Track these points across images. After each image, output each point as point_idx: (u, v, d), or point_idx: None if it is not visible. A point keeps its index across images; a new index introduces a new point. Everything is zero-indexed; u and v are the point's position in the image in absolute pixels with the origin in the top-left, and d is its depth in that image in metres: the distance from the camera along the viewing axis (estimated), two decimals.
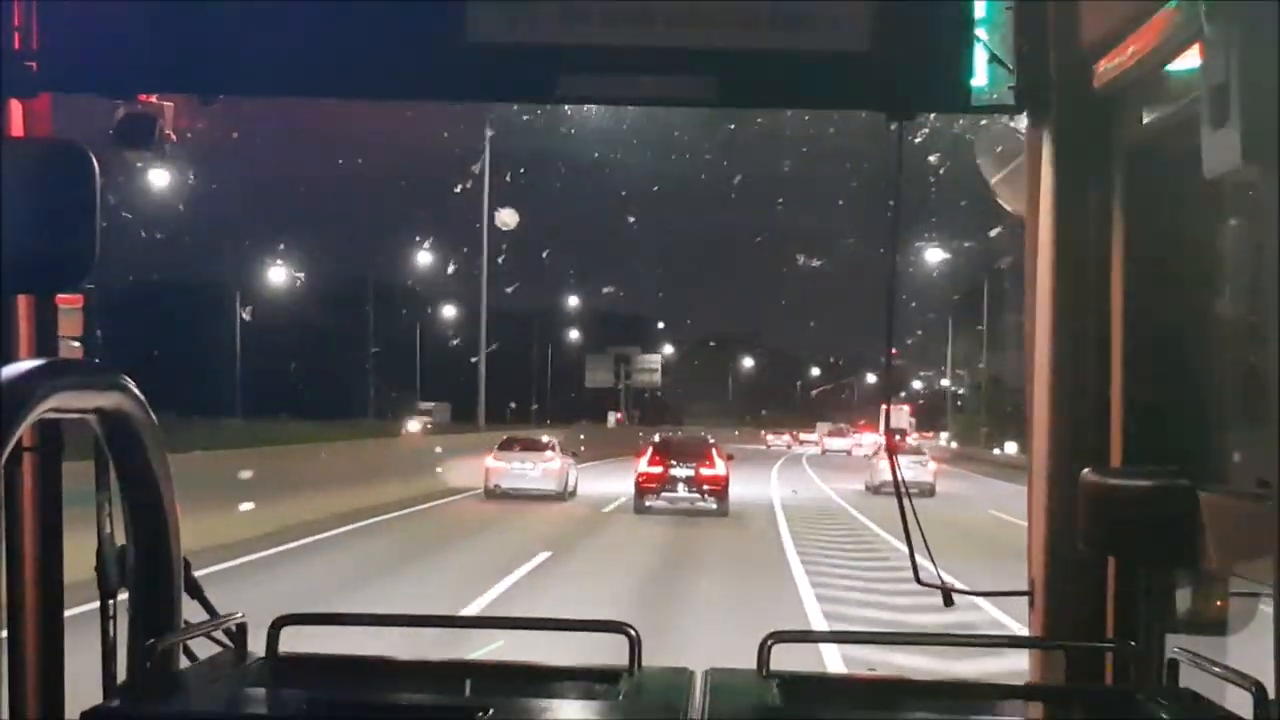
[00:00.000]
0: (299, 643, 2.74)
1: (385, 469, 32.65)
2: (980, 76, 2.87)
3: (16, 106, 2.84)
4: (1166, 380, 2.78)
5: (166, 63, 2.89)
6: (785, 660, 2.62)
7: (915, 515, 3.09)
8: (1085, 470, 2.71)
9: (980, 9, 2.87)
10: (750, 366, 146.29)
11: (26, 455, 2.71)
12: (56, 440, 2.76)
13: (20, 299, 2.81)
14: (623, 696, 2.48)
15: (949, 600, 3.12)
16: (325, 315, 76.50)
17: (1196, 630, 2.67)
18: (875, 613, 16.68)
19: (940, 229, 55.94)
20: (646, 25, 2.88)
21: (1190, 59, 2.32)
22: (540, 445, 37.08)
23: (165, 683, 2.45)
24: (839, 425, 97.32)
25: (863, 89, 2.95)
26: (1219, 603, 2.70)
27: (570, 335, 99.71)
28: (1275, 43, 1.76)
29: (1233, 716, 2.28)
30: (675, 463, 31.86)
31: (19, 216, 2.43)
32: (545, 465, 35.90)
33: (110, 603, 2.56)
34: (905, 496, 3.10)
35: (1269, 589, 2.34)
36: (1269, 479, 2.16)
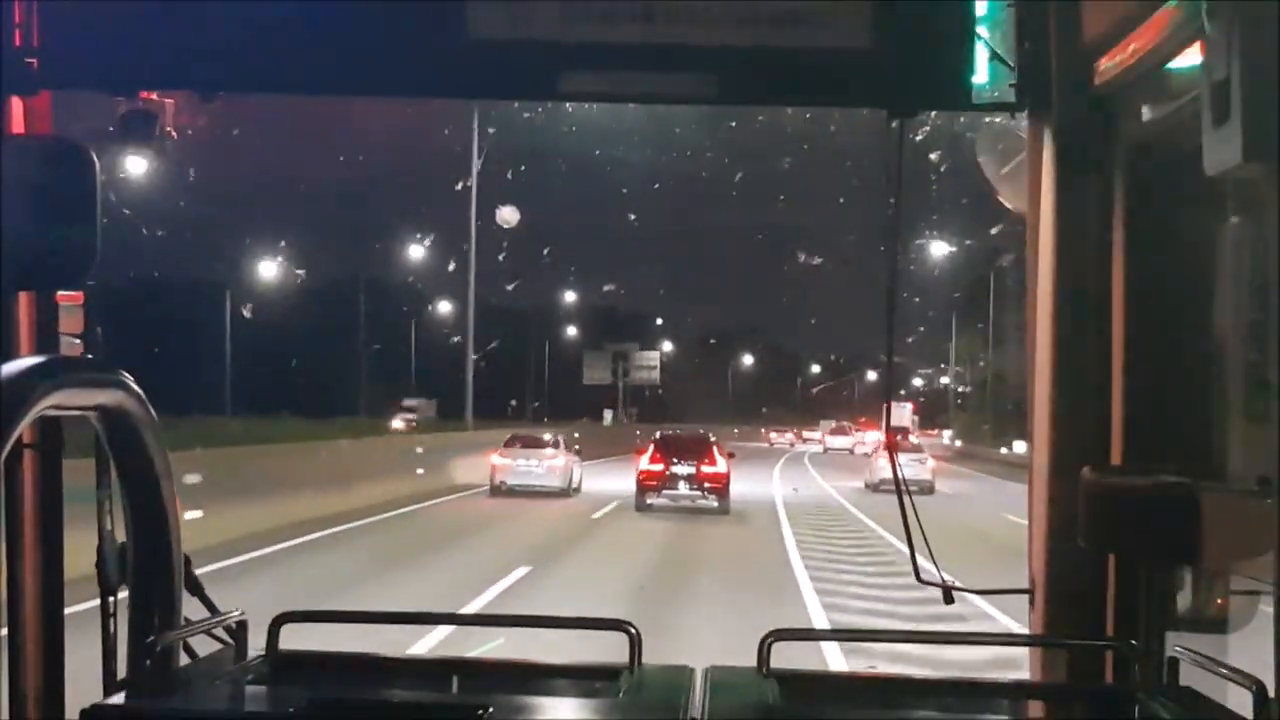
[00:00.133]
0: (299, 640, 2.74)
1: (361, 470, 30.64)
2: (981, 74, 2.87)
3: (17, 104, 2.84)
4: (1167, 379, 2.78)
5: (167, 60, 2.89)
6: (786, 659, 2.62)
7: (915, 513, 3.09)
8: (1086, 469, 2.71)
9: (981, 7, 2.87)
10: (751, 364, 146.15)
11: (27, 452, 2.71)
12: (57, 437, 2.76)
13: (21, 296, 2.81)
14: (623, 694, 2.48)
15: (949, 598, 3.11)
16: (323, 313, 76.47)
17: (1197, 628, 2.67)
18: (874, 605, 16.74)
19: (941, 227, 55.92)
20: (647, 22, 2.88)
21: (1191, 57, 2.32)
22: (545, 442, 37.36)
23: (165, 680, 2.45)
24: (841, 423, 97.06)
25: (864, 86, 2.95)
26: (1219, 601, 2.70)
27: (571, 332, 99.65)
28: (1275, 41, 1.76)
29: (1233, 715, 2.28)
30: (676, 460, 31.85)
31: (20, 214, 2.43)
32: (550, 462, 36.20)
33: (111, 600, 2.56)
34: (905, 494, 3.10)
35: (1269, 587, 2.34)
36: (1269, 477, 2.16)
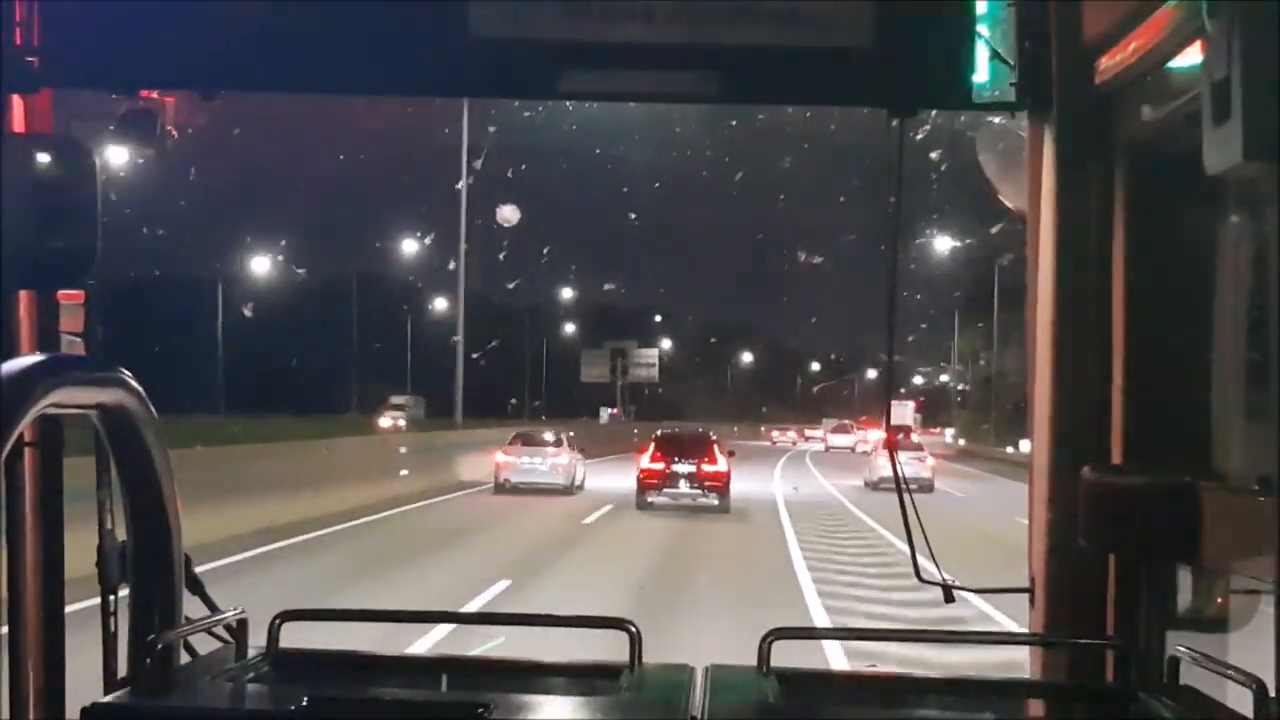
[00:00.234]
0: (300, 638, 2.74)
1: (339, 472, 28.75)
2: (981, 73, 2.87)
3: (18, 102, 2.84)
4: (1167, 377, 2.78)
5: (168, 58, 2.89)
6: (786, 657, 2.62)
7: (916, 512, 3.09)
8: (1086, 468, 2.71)
9: (982, 6, 2.87)
10: (751, 363, 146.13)
11: (28, 451, 2.71)
12: (57, 436, 2.76)
13: (22, 295, 2.81)
14: (623, 693, 2.48)
15: (949, 597, 3.11)
16: (323, 311, 76.54)
17: (1197, 627, 2.67)
18: (877, 608, 16.75)
19: (941, 226, 55.94)
20: (648, 22, 2.88)
21: (1191, 56, 2.32)
22: (549, 440, 37.55)
23: (166, 678, 2.45)
24: (842, 422, 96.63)
25: (864, 85, 2.95)
26: (1219, 600, 2.70)
27: (569, 330, 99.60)
28: (1276, 40, 1.76)
29: (1233, 714, 2.28)
30: (677, 459, 31.91)
31: (21, 213, 2.43)
32: (554, 460, 36.40)
33: (111, 598, 2.56)
34: (905, 492, 3.10)
35: (1269, 586, 2.34)
36: (1269, 476, 2.16)
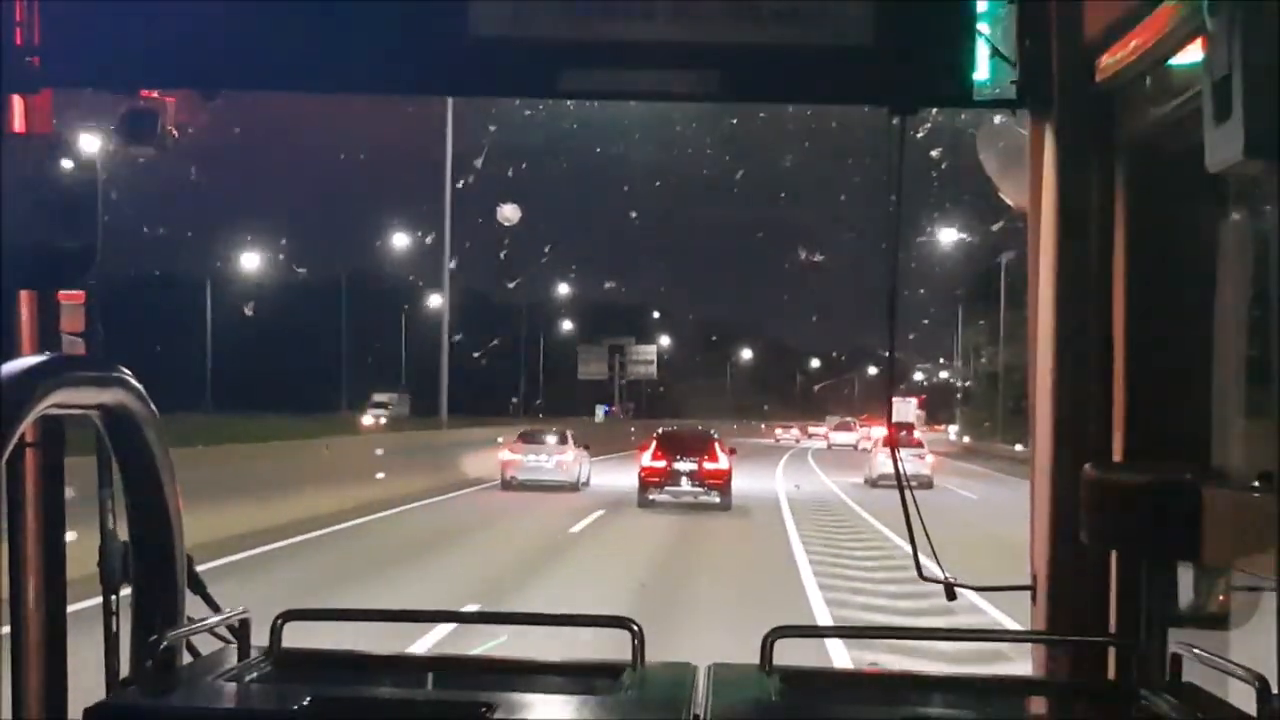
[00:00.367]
0: (302, 638, 2.74)
1: (312, 474, 26.70)
2: (982, 71, 2.86)
3: (18, 102, 2.84)
4: (1169, 375, 2.78)
5: (169, 58, 2.89)
6: (788, 656, 2.62)
7: (918, 510, 3.08)
8: (1087, 465, 2.71)
9: (982, 4, 2.86)
10: (751, 361, 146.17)
11: (29, 451, 2.71)
12: (58, 436, 2.76)
13: (22, 295, 2.80)
14: (625, 692, 2.48)
15: (951, 595, 3.11)
16: (321, 309, 76.56)
17: (1199, 625, 2.67)
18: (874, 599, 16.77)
19: (942, 224, 55.92)
20: (649, 20, 2.87)
21: (1192, 53, 2.32)
22: (555, 438, 37.94)
23: (168, 678, 2.45)
24: (845, 419, 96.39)
25: (865, 84, 2.95)
26: (1221, 597, 2.70)
27: (571, 329, 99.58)
28: (1277, 37, 1.76)
29: (1235, 711, 2.28)
30: (678, 457, 32.00)
31: (22, 212, 2.43)
32: (559, 457, 36.83)
33: (113, 598, 2.56)
34: (907, 489, 3.10)
35: (1272, 583, 2.35)
36: (1271, 473, 2.16)
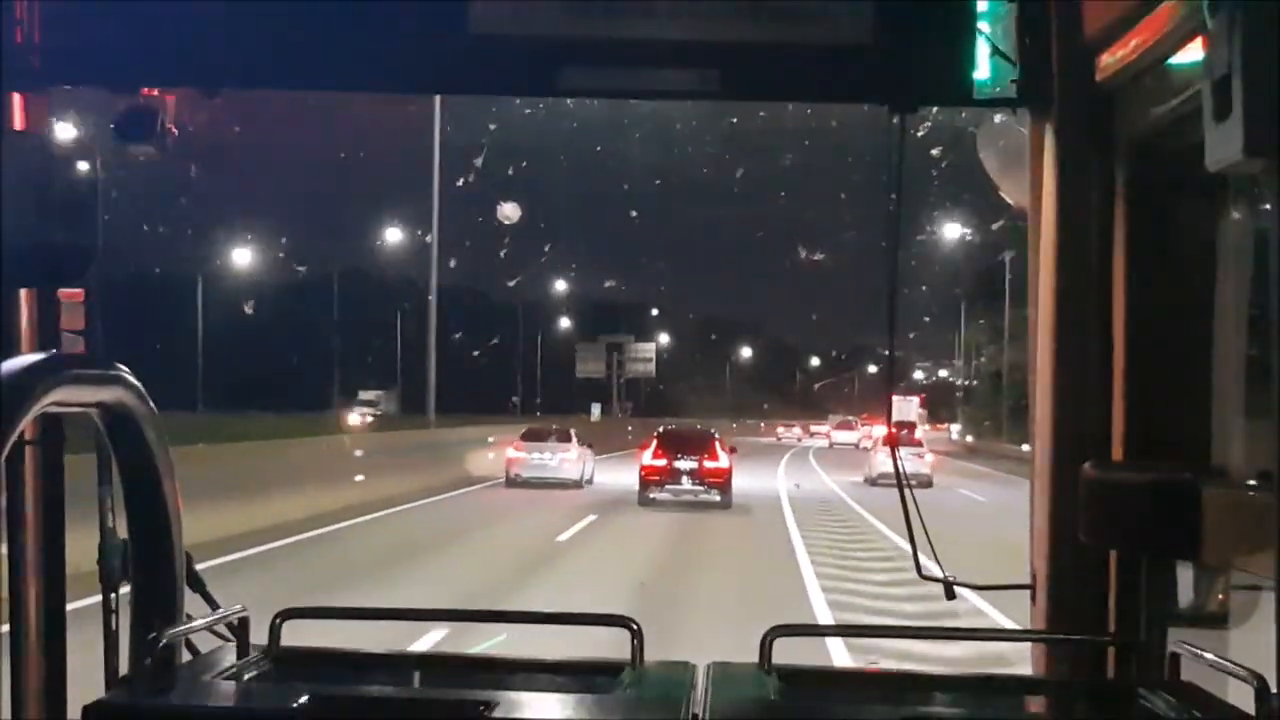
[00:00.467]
0: (301, 636, 2.74)
1: (285, 477, 24.90)
2: (982, 70, 2.86)
3: (18, 100, 2.84)
4: (1168, 374, 2.78)
5: (169, 56, 2.89)
6: (788, 654, 2.63)
7: (918, 508, 3.09)
8: (1087, 464, 2.71)
9: (982, 3, 2.86)
10: (751, 359, 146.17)
11: (28, 449, 2.71)
12: (58, 434, 2.76)
13: (22, 293, 2.80)
14: (625, 690, 2.48)
15: (950, 594, 3.11)
16: (320, 307, 76.65)
17: (1198, 624, 2.67)
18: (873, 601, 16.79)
19: (942, 222, 55.89)
20: (649, 18, 2.87)
21: (1192, 52, 2.32)
22: (560, 436, 38.29)
23: (167, 676, 2.45)
24: (846, 418, 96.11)
25: (865, 82, 2.95)
26: (1220, 596, 2.70)
27: (571, 328, 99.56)
28: (1277, 36, 1.76)
29: (1234, 710, 2.28)
30: (678, 455, 32.12)
31: (21, 210, 2.43)
32: (564, 455, 37.18)
33: (112, 596, 2.56)
34: (906, 488, 3.10)
35: (1270, 582, 2.34)
36: (1270, 472, 2.16)
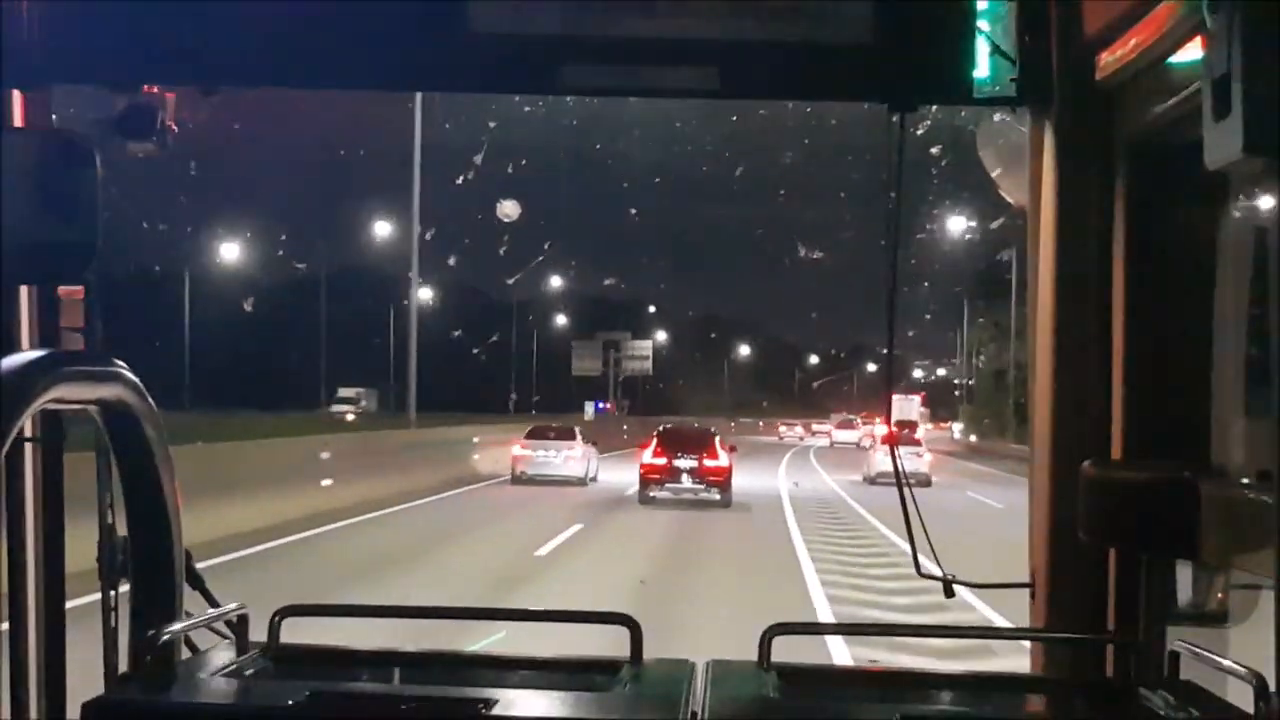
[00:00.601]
0: (300, 634, 2.74)
1: (247, 480, 23.12)
2: (982, 69, 2.86)
3: (18, 97, 2.83)
4: (1168, 372, 2.78)
5: (169, 54, 2.88)
6: (787, 653, 2.63)
7: (916, 507, 3.09)
8: (1086, 462, 2.71)
9: (982, 2, 2.86)
10: (750, 357, 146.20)
11: (28, 446, 2.71)
12: (58, 431, 2.76)
13: (22, 290, 2.80)
14: (624, 688, 2.49)
15: (949, 592, 3.11)
16: (315, 305, 76.74)
17: (1198, 623, 2.67)
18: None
19: (942, 221, 55.93)
20: (649, 16, 2.87)
21: (1192, 51, 2.32)
22: (564, 434, 38.94)
23: (166, 674, 2.45)
24: (847, 417, 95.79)
25: (865, 81, 2.95)
26: (1220, 595, 2.70)
27: (569, 325, 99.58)
28: (1277, 35, 1.76)
29: (1234, 709, 2.28)
30: (678, 454, 32.20)
31: (21, 208, 2.43)
32: (568, 453, 37.79)
33: (112, 594, 2.56)
34: (906, 487, 3.10)
35: (1270, 581, 2.34)
36: (1270, 471, 2.16)
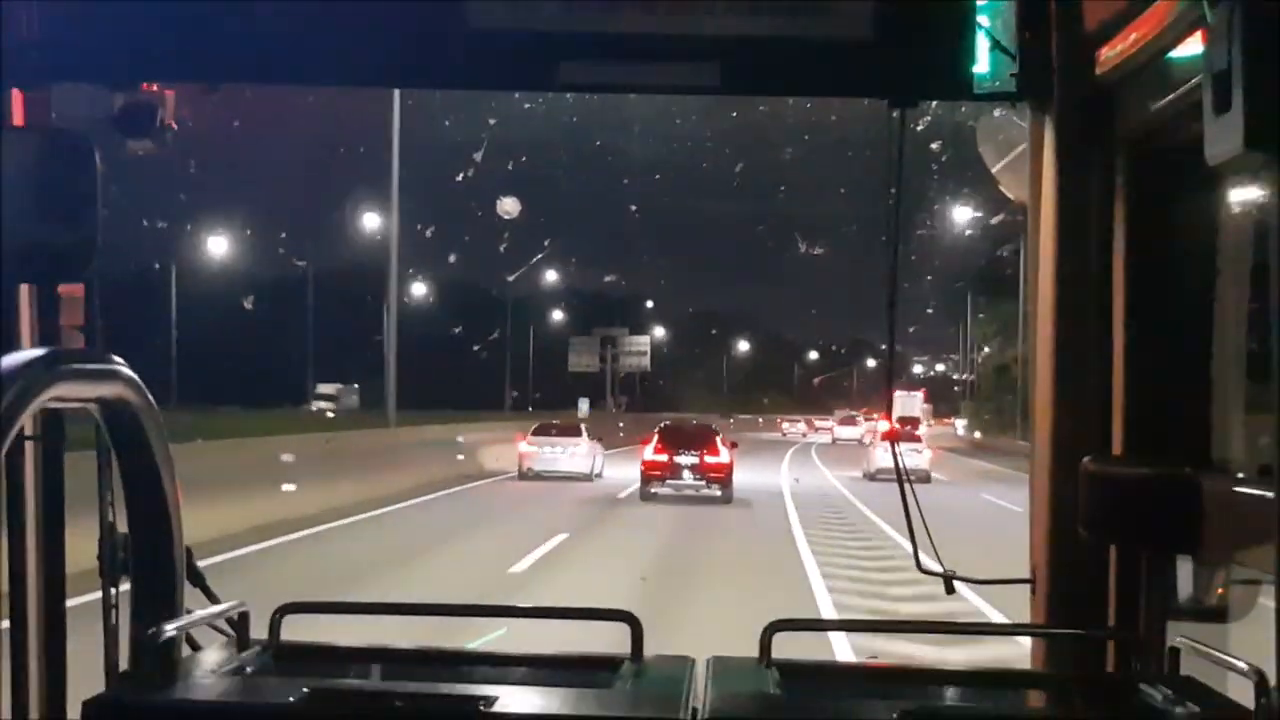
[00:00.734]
0: (301, 631, 2.74)
1: (206, 484, 18.19)
2: (982, 64, 2.86)
3: (18, 95, 2.83)
4: (1168, 367, 2.78)
5: (169, 52, 2.88)
6: (788, 649, 2.63)
7: (917, 503, 3.09)
8: (1086, 458, 2.71)
9: None
10: (750, 353, 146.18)
11: (28, 445, 2.71)
12: (58, 429, 2.76)
13: (22, 288, 2.80)
14: (625, 684, 2.49)
15: (950, 588, 3.11)
16: (320, 302, 76.87)
17: (1198, 618, 2.67)
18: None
19: (942, 217, 55.91)
20: (648, 13, 2.87)
21: (1192, 46, 2.32)
22: (571, 430, 39.83)
23: (167, 671, 2.45)
24: (850, 413, 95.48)
25: (865, 76, 2.95)
26: (1220, 590, 2.70)
27: (569, 322, 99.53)
28: (1277, 30, 1.76)
29: (1234, 704, 2.28)
30: (680, 451, 32.27)
31: (21, 206, 2.43)
32: (574, 449, 38.39)
33: (112, 591, 2.56)
34: (906, 483, 3.10)
35: (1270, 577, 2.35)
36: (1270, 467, 2.16)
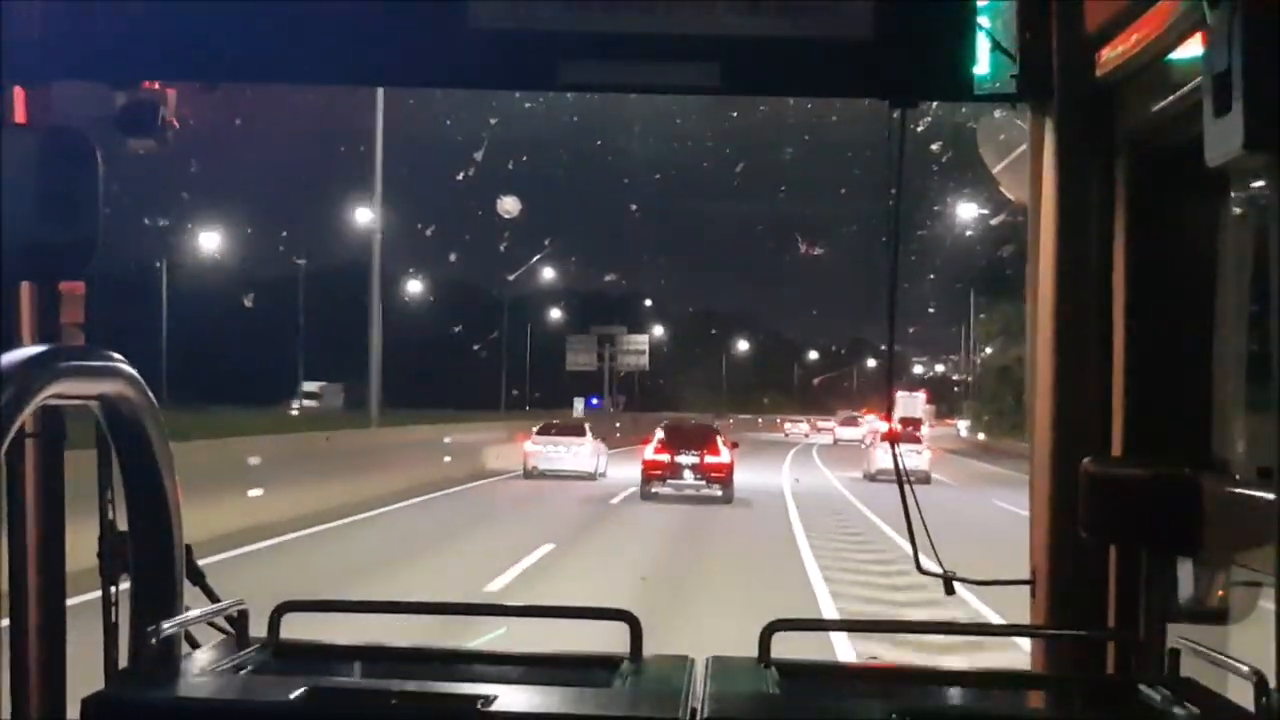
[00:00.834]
0: (300, 629, 2.74)
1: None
2: (982, 65, 2.86)
3: (19, 93, 2.83)
4: (1168, 368, 2.78)
5: (170, 50, 2.89)
6: (788, 650, 2.63)
7: (917, 503, 3.09)
8: (1087, 459, 2.71)
9: None
10: (750, 353, 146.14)
11: (28, 442, 2.71)
12: (58, 427, 2.76)
13: (23, 286, 2.80)
14: (624, 684, 2.49)
15: (950, 589, 3.11)
16: (319, 301, 76.85)
17: (1198, 619, 2.67)
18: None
19: (942, 217, 55.91)
20: (649, 12, 2.87)
21: (1193, 47, 2.32)
22: (575, 430, 40.31)
23: (167, 669, 2.45)
24: (851, 414, 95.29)
25: (865, 77, 2.95)
26: (1220, 592, 2.70)
27: (569, 321, 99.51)
28: (1277, 31, 1.76)
29: (1234, 706, 2.28)
30: (680, 450, 32.32)
31: (21, 203, 2.43)
32: (578, 448, 38.75)
33: (112, 589, 2.56)
34: (906, 483, 3.10)
35: (1270, 578, 2.35)
36: (1270, 468, 2.16)
